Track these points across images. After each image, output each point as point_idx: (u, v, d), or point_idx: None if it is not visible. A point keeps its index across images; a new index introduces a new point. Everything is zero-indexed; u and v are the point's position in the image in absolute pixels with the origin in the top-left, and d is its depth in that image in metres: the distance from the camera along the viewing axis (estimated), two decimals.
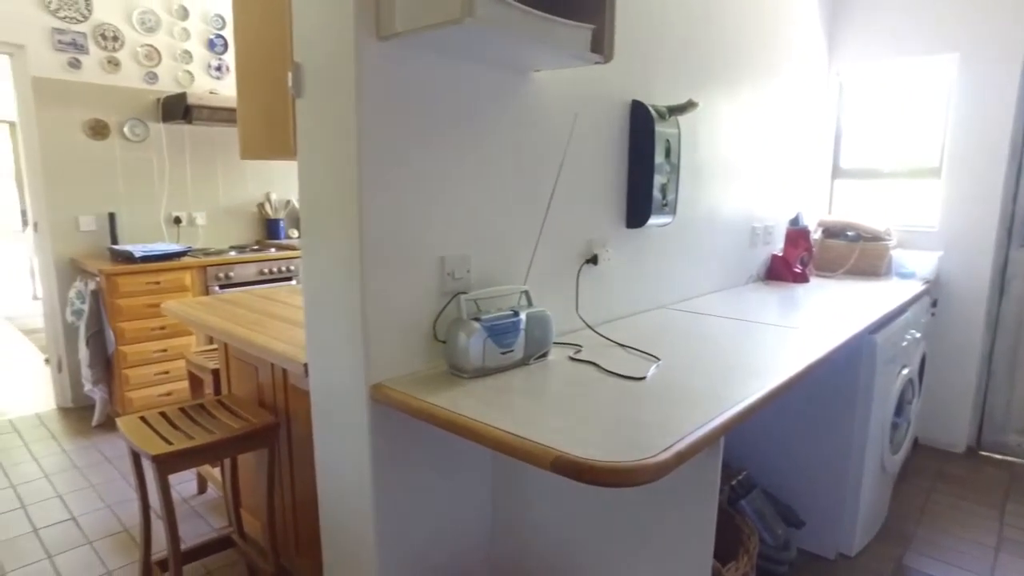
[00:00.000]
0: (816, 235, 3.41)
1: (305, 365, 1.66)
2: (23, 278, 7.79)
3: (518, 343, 1.61)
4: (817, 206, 3.68)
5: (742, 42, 2.67)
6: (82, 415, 3.87)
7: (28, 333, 5.96)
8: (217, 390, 2.51)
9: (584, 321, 2.05)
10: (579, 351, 1.78)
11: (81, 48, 3.77)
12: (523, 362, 1.64)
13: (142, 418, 2.02)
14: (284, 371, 2.04)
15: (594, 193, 2.04)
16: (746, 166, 2.85)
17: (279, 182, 4.71)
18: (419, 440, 1.60)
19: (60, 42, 3.70)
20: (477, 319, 1.53)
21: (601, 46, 1.52)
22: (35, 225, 3.84)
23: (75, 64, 3.75)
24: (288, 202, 4.73)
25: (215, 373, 2.50)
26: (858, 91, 3.60)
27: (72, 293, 3.70)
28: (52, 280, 3.83)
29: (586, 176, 1.99)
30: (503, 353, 1.58)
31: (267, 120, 1.71)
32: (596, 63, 1.56)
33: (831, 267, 3.32)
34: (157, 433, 1.91)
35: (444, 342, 1.59)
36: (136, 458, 2.00)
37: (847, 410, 2.27)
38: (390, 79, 1.42)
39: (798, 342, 1.89)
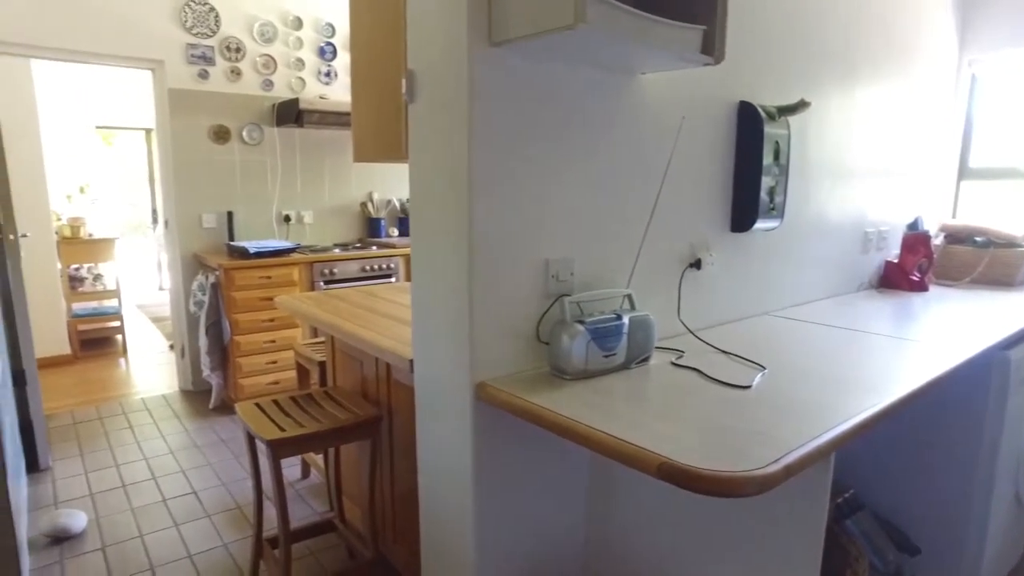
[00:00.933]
0: (937, 240, 3.17)
1: (411, 361, 1.72)
2: (151, 271, 8.49)
3: (620, 347, 1.60)
4: (939, 209, 3.43)
5: (858, 34, 2.53)
6: (201, 398, 4.17)
7: (155, 321, 6.50)
8: (323, 381, 2.65)
9: (685, 326, 2.01)
10: (681, 356, 1.75)
11: (209, 60, 4.07)
12: (624, 366, 1.63)
13: (257, 404, 2.16)
14: (388, 366, 2.12)
15: (698, 196, 1.99)
16: (860, 167, 2.70)
17: (381, 183, 4.89)
18: (519, 439, 1.62)
19: (192, 56, 4.01)
20: (580, 322, 1.54)
21: (712, 47, 1.49)
22: (165, 223, 4.18)
23: (204, 75, 4.05)
24: (389, 202, 4.91)
25: (321, 365, 2.63)
26: (993, 83, 3.32)
27: (194, 285, 4.00)
28: (178, 273, 4.16)
29: (690, 179, 1.95)
30: (605, 356, 1.57)
31: (379, 125, 1.78)
32: (706, 64, 1.53)
33: (955, 275, 3.08)
34: (271, 420, 2.04)
35: (547, 344, 1.61)
36: (251, 441, 2.14)
37: (973, 434, 2.10)
38: (500, 84, 1.45)
39: (917, 356, 1.77)
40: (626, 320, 1.62)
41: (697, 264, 2.02)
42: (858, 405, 1.37)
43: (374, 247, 4.40)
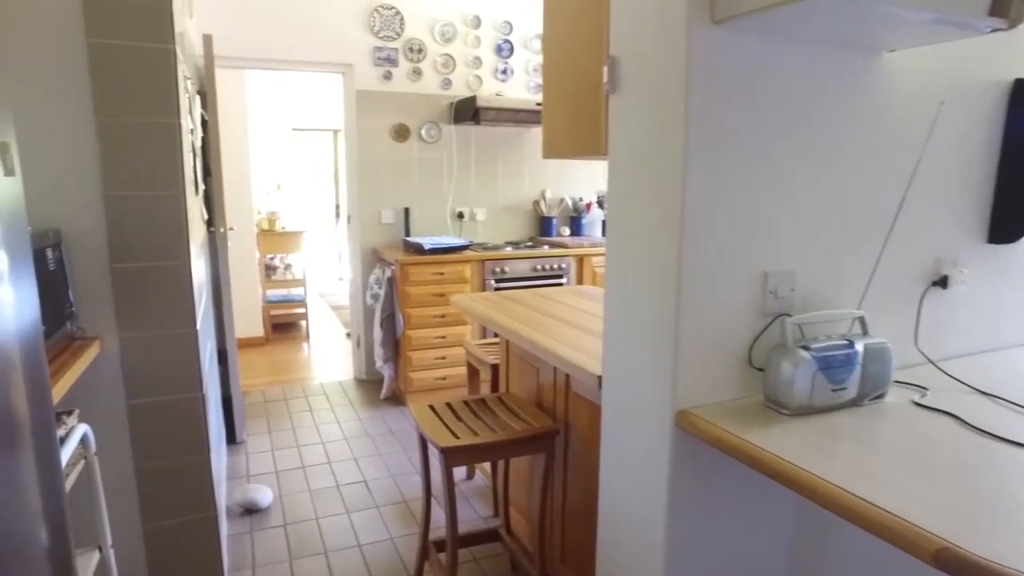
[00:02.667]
0: None
1: (599, 378, 1.57)
2: (332, 262, 9.16)
3: (852, 379, 1.33)
4: None
5: None
6: (373, 387, 4.35)
7: (335, 309, 6.96)
8: (495, 385, 2.58)
9: (924, 355, 1.67)
10: (925, 395, 1.43)
11: (393, 62, 4.21)
12: (855, 402, 1.35)
13: (431, 408, 2.12)
14: (567, 376, 1.99)
15: (948, 200, 1.64)
16: None
17: (555, 181, 4.81)
18: (719, 469, 1.41)
19: (378, 58, 4.17)
20: (805, 347, 1.29)
21: (1006, 6, 1.17)
22: (348, 218, 4.40)
23: (387, 76, 4.20)
24: (562, 200, 4.81)
25: (494, 368, 2.56)
26: None
27: (372, 279, 4.16)
28: (358, 266, 4.36)
29: (939, 179, 1.60)
30: (834, 390, 1.31)
31: (574, 118, 1.65)
32: (991, 31, 1.21)
33: None
34: (444, 424, 1.98)
35: (761, 370, 1.38)
36: (424, 443, 2.11)
37: None
38: (720, 68, 1.25)
39: None
40: (860, 348, 1.34)
41: (943, 282, 1.67)
42: None
43: (546, 247, 4.32)
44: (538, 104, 4.13)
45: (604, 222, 4.88)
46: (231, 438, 3.45)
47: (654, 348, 1.36)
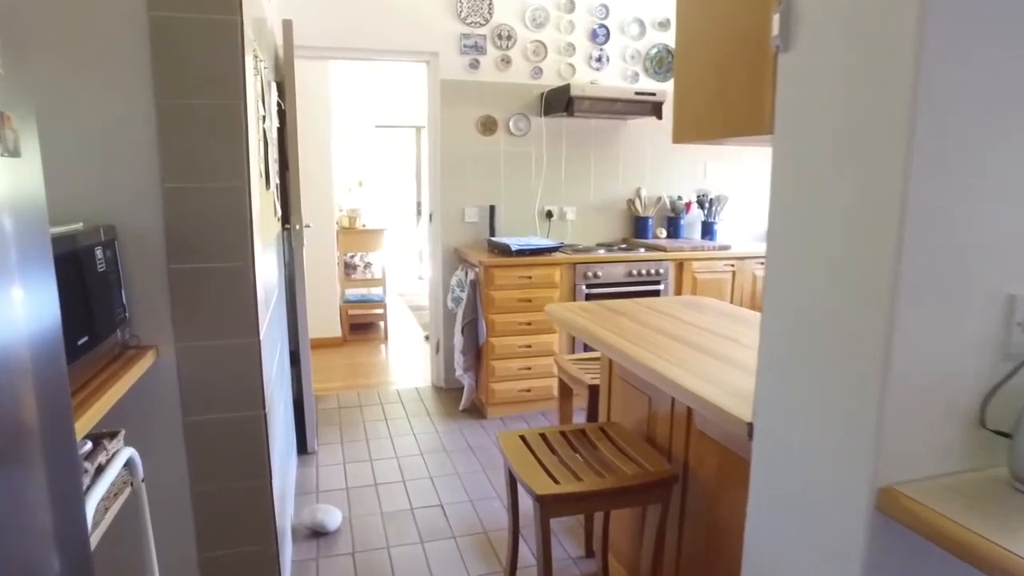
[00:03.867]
0: None
1: (749, 425, 1.20)
2: (412, 261, 9.05)
3: None
4: None
5: None
6: (451, 396, 4.09)
7: (413, 310, 6.79)
8: (592, 409, 2.24)
9: None
10: None
11: (481, 50, 3.93)
12: None
13: (522, 438, 1.80)
14: (688, 409, 1.63)
15: None
16: None
17: (651, 178, 4.41)
18: (927, 559, 1.02)
19: (465, 46, 3.91)
20: None
21: None
22: (430, 216, 4.16)
23: (474, 65, 3.93)
24: (659, 199, 4.40)
25: (592, 390, 2.22)
26: None
27: (453, 281, 3.90)
28: (439, 267, 4.11)
29: None
30: None
31: (719, 90, 1.29)
32: None
33: None
34: (539, 463, 1.65)
35: (1004, 435, 0.97)
36: (511, 477, 1.79)
37: None
38: (965, 13, 0.86)
39: None
40: None
41: None
42: None
43: (642, 249, 3.93)
44: (638, 93, 3.75)
45: (704, 223, 4.44)
46: (302, 447, 3.26)
47: (843, 397, 0.98)
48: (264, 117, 2.13)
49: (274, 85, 2.67)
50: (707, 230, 4.44)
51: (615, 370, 2.03)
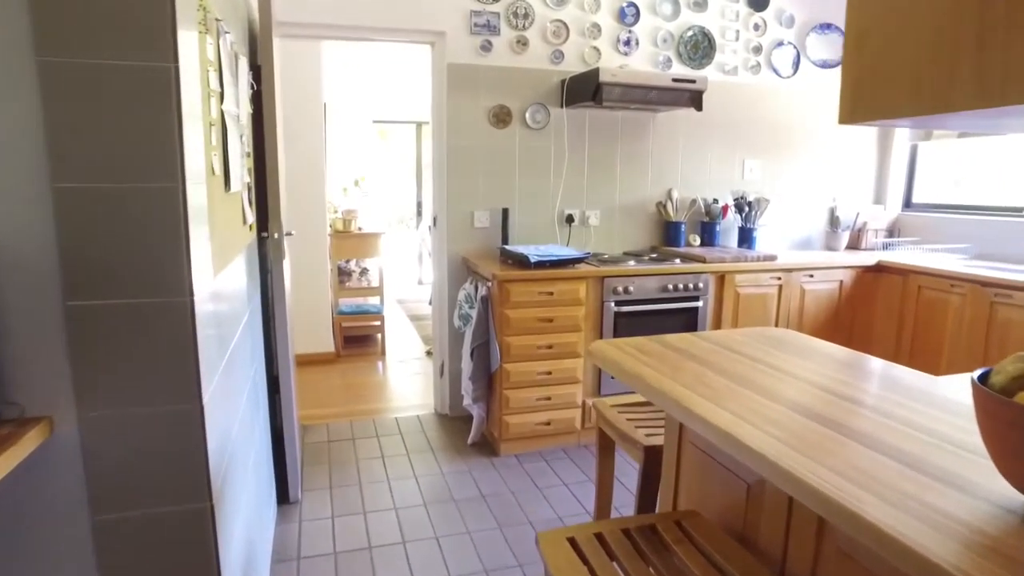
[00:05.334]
0: None
1: None
2: (412, 264, 8.53)
3: None
4: None
5: None
6: (458, 426, 3.58)
7: (414, 319, 6.28)
8: (649, 481, 1.73)
9: None
10: None
11: (494, 29, 3.42)
12: None
13: (571, 542, 1.29)
14: (819, 518, 1.12)
15: None
16: None
17: (683, 178, 3.90)
18: None
19: (476, 25, 3.40)
20: None
21: None
22: (434, 220, 3.65)
23: (486, 47, 3.42)
24: (693, 202, 3.89)
25: (649, 453, 1.71)
26: None
27: (461, 296, 3.39)
28: (444, 280, 3.60)
29: None
30: None
31: (934, 45, 0.78)
32: None
33: None
34: None
35: None
36: None
37: None
38: None
39: None
40: None
41: None
42: None
43: (677, 260, 3.41)
44: (675, 80, 3.24)
45: (742, 229, 3.93)
46: (283, 496, 2.75)
47: None
48: (223, 96, 1.61)
49: (244, 63, 2.15)
50: (745, 237, 3.94)
51: (687, 432, 1.52)
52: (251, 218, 2.15)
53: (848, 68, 1.03)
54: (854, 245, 4.28)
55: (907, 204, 4.43)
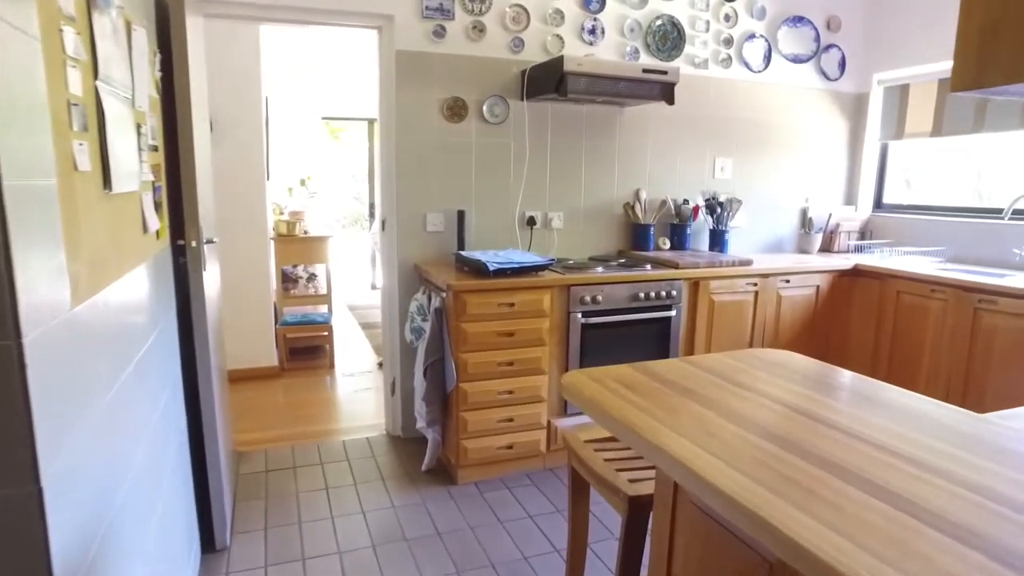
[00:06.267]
0: None
1: None
2: (365, 267, 8.15)
3: None
4: None
5: None
6: (412, 450, 3.26)
7: (365, 327, 5.91)
8: (634, 537, 1.45)
9: None
10: None
11: (447, 13, 3.11)
12: None
13: None
14: None
15: None
16: None
17: (653, 177, 3.66)
18: None
19: (428, 8, 3.08)
20: None
21: None
22: (383, 223, 3.32)
23: (439, 33, 3.11)
24: (663, 202, 3.64)
25: (634, 505, 1.43)
26: None
27: (412, 306, 3.07)
28: (394, 288, 3.27)
29: None
30: None
31: None
32: None
33: None
34: None
35: None
36: None
37: None
38: None
39: None
40: None
41: None
42: None
43: (647, 265, 3.16)
44: (646, 71, 2.99)
45: (713, 232, 3.72)
46: (207, 543, 2.38)
47: None
48: (97, 71, 1.27)
49: (143, 37, 1.80)
50: (716, 240, 3.72)
51: (683, 493, 1.25)
52: (155, 224, 1.79)
53: (969, 19, 0.76)
54: (827, 247, 4.11)
55: (878, 205, 4.29)
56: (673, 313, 3.10)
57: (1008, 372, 2.87)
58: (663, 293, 3.06)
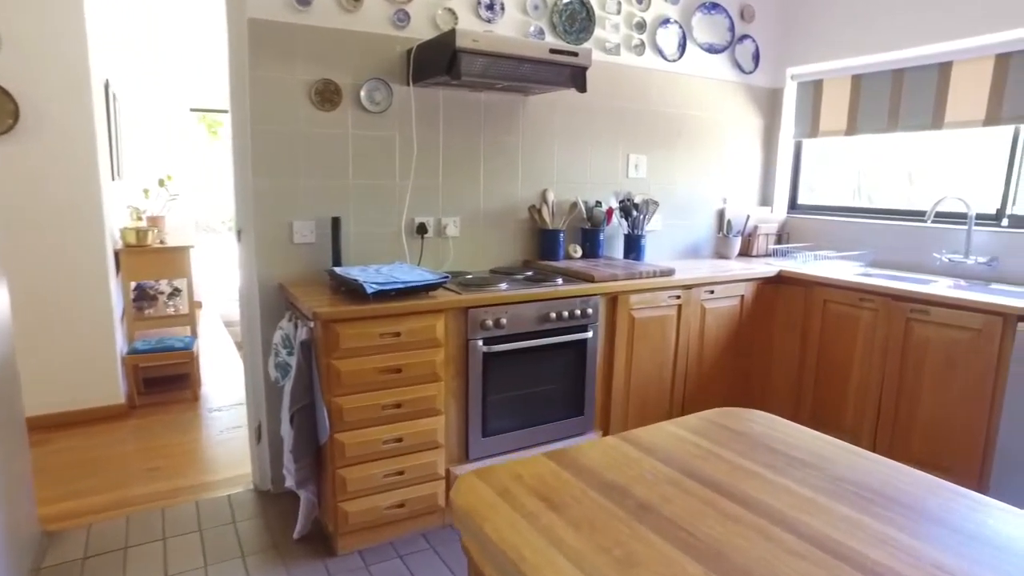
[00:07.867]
0: None
1: None
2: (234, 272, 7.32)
3: None
4: None
5: None
6: (282, 509, 2.67)
7: (240, 346, 5.17)
8: None
9: None
10: None
11: None
12: None
13: None
14: None
15: None
16: None
17: (561, 176, 3.23)
18: None
19: None
20: None
21: None
22: (238, 234, 2.70)
23: (304, 1, 2.53)
24: (574, 205, 3.22)
25: None
26: None
27: (277, 337, 2.48)
28: (254, 315, 2.67)
29: None
30: None
31: None
32: None
33: None
34: None
35: None
36: None
37: None
38: None
39: None
40: None
41: None
42: None
43: (559, 279, 2.72)
44: (553, 51, 2.55)
45: (628, 237, 3.35)
46: None
47: None
48: None
49: None
50: (632, 246, 3.36)
51: None
52: None
53: None
54: (745, 251, 3.85)
55: (792, 206, 4.09)
56: (590, 334, 2.68)
57: (940, 386, 2.66)
58: (578, 312, 2.63)
